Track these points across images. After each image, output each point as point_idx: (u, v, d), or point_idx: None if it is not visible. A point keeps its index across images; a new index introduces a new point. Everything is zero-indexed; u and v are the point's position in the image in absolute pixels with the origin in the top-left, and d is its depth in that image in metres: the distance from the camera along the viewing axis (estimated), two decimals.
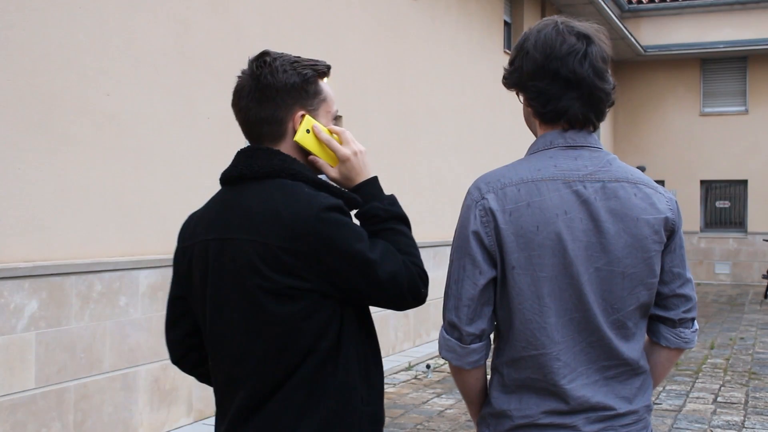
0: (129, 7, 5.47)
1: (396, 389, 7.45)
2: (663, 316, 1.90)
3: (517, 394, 1.80)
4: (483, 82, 11.25)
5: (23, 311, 4.69)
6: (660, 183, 18.21)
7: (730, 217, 18.27)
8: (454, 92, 10.59)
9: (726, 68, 18.23)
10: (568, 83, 1.78)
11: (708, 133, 18.13)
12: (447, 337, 1.82)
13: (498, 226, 1.74)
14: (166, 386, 5.67)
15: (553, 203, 1.74)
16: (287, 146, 1.85)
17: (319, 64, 1.88)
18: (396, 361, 8.64)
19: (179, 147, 5.87)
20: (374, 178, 1.92)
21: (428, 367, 8.29)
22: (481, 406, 1.92)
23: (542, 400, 1.78)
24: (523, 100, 1.88)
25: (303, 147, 1.85)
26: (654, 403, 6.86)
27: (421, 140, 9.71)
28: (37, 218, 4.83)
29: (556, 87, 1.78)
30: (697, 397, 7.19)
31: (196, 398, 5.92)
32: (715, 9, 17.53)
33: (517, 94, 1.91)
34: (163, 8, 5.77)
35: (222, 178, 1.88)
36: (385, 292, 1.78)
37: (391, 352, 8.98)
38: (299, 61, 1.85)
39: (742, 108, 18.02)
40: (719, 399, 7.13)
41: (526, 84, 1.82)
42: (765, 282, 16.37)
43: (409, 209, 10.16)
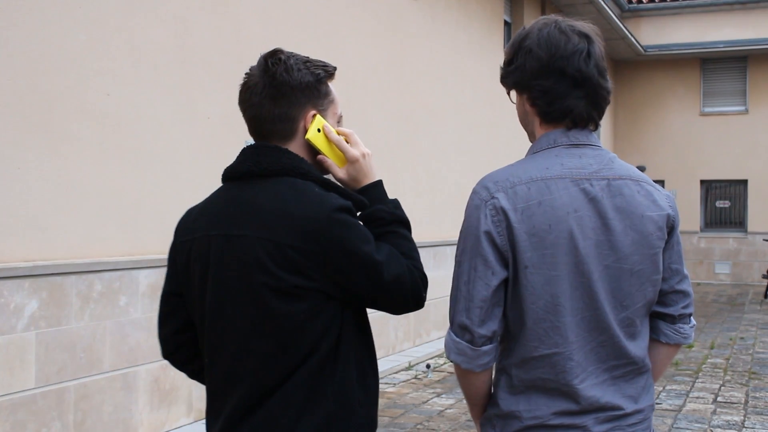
0: (129, 7, 5.47)
1: (396, 389, 7.45)
2: (663, 313, 1.91)
3: (526, 394, 1.79)
4: (483, 81, 11.25)
5: (23, 311, 4.69)
6: (660, 183, 18.24)
7: (730, 217, 18.27)
8: (454, 92, 10.59)
9: (726, 68, 18.23)
10: (575, 82, 1.78)
11: (708, 133, 18.13)
12: (457, 339, 1.79)
13: (510, 225, 1.72)
14: (166, 386, 5.67)
15: (563, 201, 1.74)
16: (296, 145, 1.85)
17: (329, 65, 1.89)
18: (396, 361, 8.64)
19: (179, 147, 5.87)
20: (380, 181, 1.93)
21: (428, 367, 8.29)
22: (485, 407, 1.91)
23: (552, 400, 1.77)
24: (522, 99, 1.87)
25: (313, 146, 1.85)
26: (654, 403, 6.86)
27: (421, 140, 9.71)
28: (37, 218, 4.83)
29: (562, 86, 1.78)
30: (697, 397, 7.19)
31: (196, 398, 5.92)
32: (715, 9, 17.53)
33: (508, 93, 1.91)
34: (163, 8, 5.77)
35: (226, 173, 1.87)
36: (389, 295, 1.78)
37: (391, 352, 8.97)
38: (311, 61, 1.86)
39: (742, 108, 18.02)
40: (719, 399, 7.13)
41: (529, 83, 1.82)
42: (765, 282, 16.37)
43: (409, 209, 10.15)
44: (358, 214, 1.88)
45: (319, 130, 1.85)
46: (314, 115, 1.85)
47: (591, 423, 1.77)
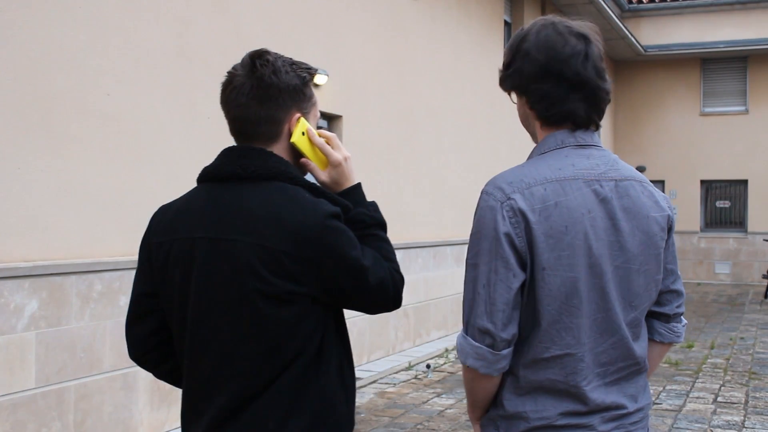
0: (129, 7, 5.47)
1: (396, 389, 7.45)
2: (658, 312, 1.93)
3: (532, 395, 1.78)
4: (483, 81, 11.25)
5: (23, 311, 4.69)
6: (660, 183, 18.25)
7: (731, 217, 18.27)
8: (454, 92, 10.59)
9: (726, 68, 18.23)
10: (573, 85, 1.78)
11: (708, 133, 18.13)
12: (476, 344, 1.74)
13: (529, 226, 1.70)
14: (166, 386, 5.67)
15: (578, 202, 1.74)
16: (280, 147, 1.84)
17: (311, 67, 1.88)
18: (396, 361, 8.64)
19: (179, 147, 5.87)
20: (359, 184, 1.93)
21: (428, 367, 8.29)
22: (487, 408, 1.89)
23: (559, 401, 1.77)
24: (522, 101, 1.87)
25: (298, 149, 1.85)
26: (654, 403, 6.86)
27: (421, 140, 9.71)
28: (37, 218, 4.83)
29: (560, 89, 1.78)
30: (697, 397, 7.19)
31: None
32: (716, 9, 17.53)
33: (509, 95, 1.90)
34: (163, 8, 5.77)
35: (207, 174, 1.85)
36: (372, 298, 1.80)
37: (391, 352, 8.98)
38: (296, 63, 1.85)
39: (743, 108, 18.02)
40: (719, 399, 7.12)
41: (528, 87, 1.81)
42: (765, 282, 16.37)
43: (410, 209, 10.18)
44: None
45: (303, 133, 1.85)
46: (299, 118, 1.84)
47: (597, 422, 1.77)
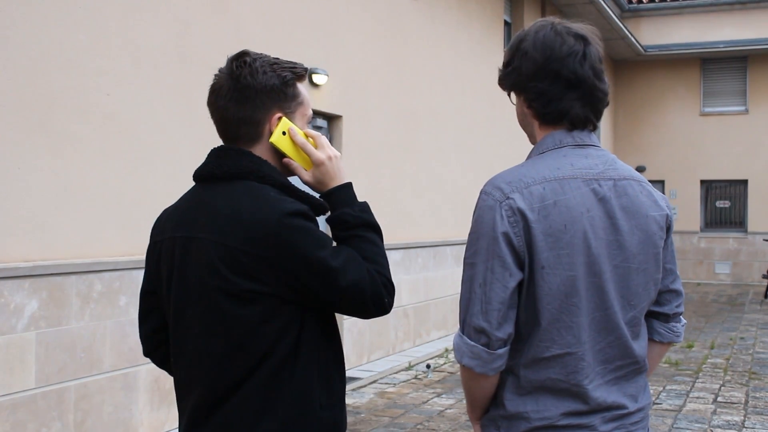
0: (129, 7, 5.47)
1: (396, 389, 7.45)
2: (657, 312, 1.94)
3: (533, 395, 1.78)
4: (483, 82, 11.25)
5: (23, 311, 4.69)
6: (660, 183, 18.26)
7: (731, 217, 18.27)
8: (454, 92, 10.59)
9: (726, 68, 18.24)
10: (569, 84, 1.79)
11: (708, 133, 18.13)
12: (472, 343, 1.75)
13: (528, 226, 1.71)
14: (166, 386, 5.67)
15: (577, 201, 1.75)
16: (262, 148, 1.85)
17: (298, 66, 1.88)
18: (396, 361, 8.64)
19: (179, 147, 5.87)
20: (348, 184, 1.90)
21: (428, 367, 8.29)
22: (487, 408, 1.89)
23: (560, 401, 1.77)
24: (520, 101, 1.88)
25: (278, 149, 1.85)
26: (654, 403, 6.86)
27: (421, 140, 9.71)
28: (37, 218, 4.83)
29: (557, 88, 1.80)
30: (697, 397, 7.19)
31: None
32: (715, 9, 17.53)
33: (509, 95, 1.92)
34: (163, 8, 5.77)
35: (194, 175, 1.90)
36: (347, 300, 1.76)
37: (391, 352, 8.98)
38: (279, 62, 1.85)
39: (742, 108, 18.03)
40: (719, 399, 7.13)
41: (525, 85, 1.83)
42: (765, 282, 16.37)
43: (409, 209, 10.18)
44: (325, 218, 1.88)
45: (284, 133, 1.84)
46: (279, 118, 1.84)
47: (598, 422, 1.78)
